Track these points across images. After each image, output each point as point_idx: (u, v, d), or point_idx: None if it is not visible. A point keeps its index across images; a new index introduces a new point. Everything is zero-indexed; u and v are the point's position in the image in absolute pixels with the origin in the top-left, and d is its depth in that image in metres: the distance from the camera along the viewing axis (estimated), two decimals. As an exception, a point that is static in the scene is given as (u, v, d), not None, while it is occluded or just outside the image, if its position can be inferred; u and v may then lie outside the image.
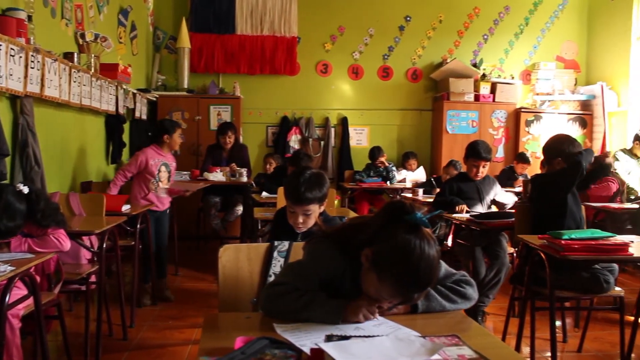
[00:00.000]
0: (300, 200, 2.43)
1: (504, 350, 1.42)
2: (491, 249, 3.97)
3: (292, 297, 1.56)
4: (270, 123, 7.93)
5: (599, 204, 5.35)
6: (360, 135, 8.05)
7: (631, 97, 7.52)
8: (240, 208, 5.98)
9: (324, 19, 7.94)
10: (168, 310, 4.39)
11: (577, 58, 8.49)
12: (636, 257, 2.82)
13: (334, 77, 8.01)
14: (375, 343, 1.31)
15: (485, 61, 8.19)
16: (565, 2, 8.42)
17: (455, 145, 7.60)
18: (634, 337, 3.21)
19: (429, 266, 1.46)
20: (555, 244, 2.75)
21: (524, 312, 3.28)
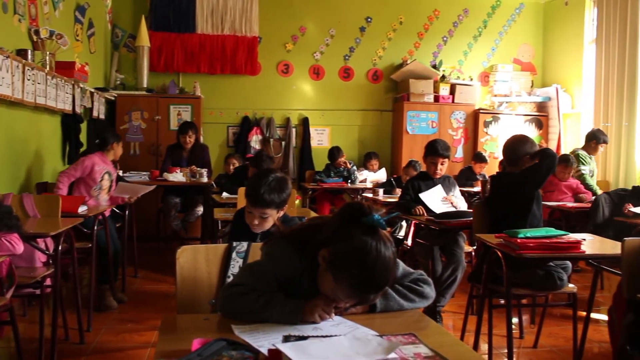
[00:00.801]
0: (257, 202, 2.44)
1: (460, 347, 1.44)
2: (448, 248, 4.02)
3: (250, 297, 1.56)
4: (231, 123, 7.88)
5: (555, 203, 5.48)
6: (322, 136, 8.07)
7: (584, 99, 7.74)
8: (200, 209, 5.93)
9: (285, 19, 7.93)
10: (127, 313, 4.32)
11: (533, 61, 8.69)
12: (588, 254, 2.90)
13: (295, 77, 8.01)
14: (333, 343, 1.31)
15: (444, 63, 8.31)
16: (522, 6, 8.60)
17: (416, 145, 7.69)
18: (585, 332, 3.31)
19: (385, 268, 1.47)
20: (512, 242, 2.81)
21: (481, 310, 3.33)
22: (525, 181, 3.45)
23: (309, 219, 1.77)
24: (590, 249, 2.94)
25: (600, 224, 4.79)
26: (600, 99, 7.19)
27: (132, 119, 7.06)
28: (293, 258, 1.63)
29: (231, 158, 6.85)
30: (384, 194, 5.86)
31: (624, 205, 4.74)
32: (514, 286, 3.09)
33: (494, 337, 3.42)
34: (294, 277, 1.63)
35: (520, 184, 3.46)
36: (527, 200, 3.46)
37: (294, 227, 1.77)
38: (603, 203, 4.84)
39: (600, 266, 3.56)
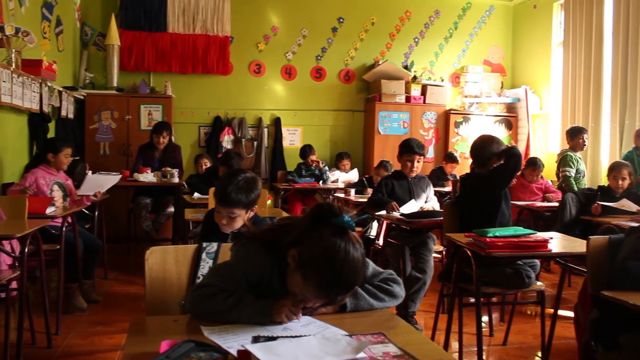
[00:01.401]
0: (224, 202, 2.44)
1: (428, 346, 1.45)
2: (417, 252, 4.02)
3: (219, 298, 1.55)
4: (202, 123, 7.83)
5: (523, 203, 5.57)
6: (294, 136, 8.07)
7: (552, 101, 7.89)
8: (171, 209, 5.88)
9: (257, 19, 7.90)
10: (96, 315, 4.26)
11: (503, 62, 8.82)
12: (555, 253, 2.95)
13: (267, 77, 7.99)
14: (302, 343, 1.32)
15: (416, 64, 8.37)
16: (492, 8, 8.72)
17: (387, 145, 7.74)
18: (553, 329, 3.37)
19: (353, 269, 1.48)
20: (481, 241, 2.84)
21: (452, 309, 3.37)
22: (493, 181, 3.50)
23: (279, 219, 1.77)
24: (557, 248, 2.99)
25: (568, 223, 4.88)
26: (568, 100, 7.33)
27: (102, 118, 6.96)
28: (262, 258, 1.63)
29: (202, 158, 6.80)
30: (356, 194, 5.88)
31: (590, 204, 4.83)
32: (484, 285, 3.13)
33: (464, 335, 3.47)
34: (264, 277, 1.63)
35: (489, 184, 3.51)
36: (496, 199, 3.51)
37: (263, 227, 1.77)
38: (570, 202, 4.93)
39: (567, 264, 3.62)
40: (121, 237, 6.46)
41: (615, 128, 6.58)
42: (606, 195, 4.85)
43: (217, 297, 1.55)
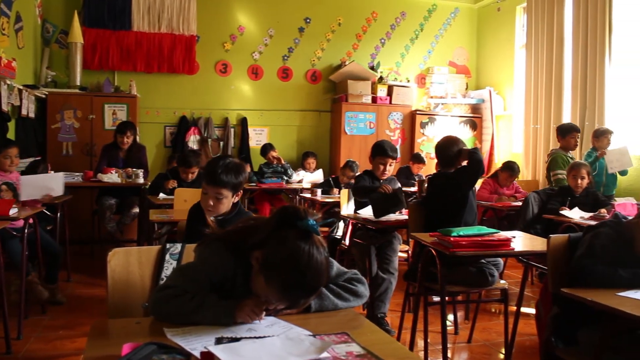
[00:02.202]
0: (214, 181, 2.47)
1: (392, 345, 1.46)
2: (383, 253, 4.03)
3: (182, 300, 1.54)
4: (168, 123, 7.74)
5: (488, 202, 5.65)
6: (260, 136, 8.04)
7: (515, 102, 8.03)
8: (136, 210, 5.80)
9: (224, 18, 7.86)
10: (59, 319, 4.17)
11: (467, 64, 8.94)
12: (517, 251, 3.01)
13: (233, 77, 7.94)
14: (266, 344, 1.32)
15: (382, 64, 8.43)
16: (457, 10, 8.84)
17: (354, 146, 7.78)
18: (516, 326, 3.44)
19: (317, 273, 1.49)
20: (445, 241, 2.88)
21: (417, 308, 3.40)
22: (458, 182, 3.58)
23: (243, 220, 1.77)
24: (519, 246, 3.05)
25: (530, 221, 4.97)
26: (531, 102, 7.47)
27: (65, 117, 6.83)
28: (226, 259, 1.63)
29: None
30: (322, 194, 5.89)
31: (551, 203, 4.93)
32: (448, 283, 3.17)
33: (430, 334, 3.52)
34: (228, 278, 1.63)
35: (455, 184, 3.58)
36: (462, 199, 3.57)
37: (227, 228, 1.77)
38: (532, 202, 5.01)
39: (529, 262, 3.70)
40: (85, 238, 6.35)
41: (575, 129, 6.72)
42: (566, 194, 4.95)
43: (179, 299, 1.54)
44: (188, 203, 3.43)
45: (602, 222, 2.41)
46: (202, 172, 5.27)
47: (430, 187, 3.82)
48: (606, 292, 2.06)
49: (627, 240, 2.30)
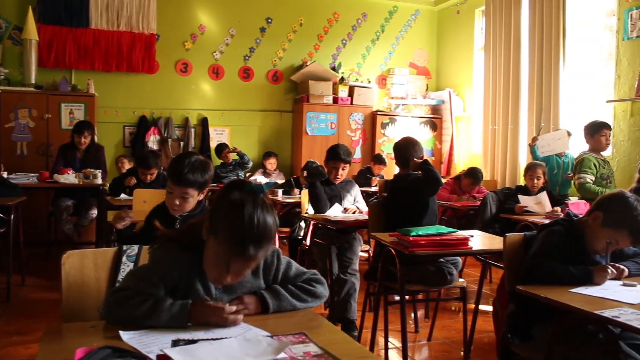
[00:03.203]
0: (180, 181, 2.43)
1: (350, 344, 1.48)
2: (343, 256, 4.00)
3: (135, 303, 1.51)
4: (127, 123, 7.62)
5: (446, 202, 5.72)
6: (221, 136, 7.98)
7: (474, 103, 8.17)
8: (94, 212, 5.70)
9: (184, 17, 7.77)
10: (13, 324, 4.06)
11: (428, 65, 9.05)
12: (475, 250, 3.07)
13: (194, 76, 7.86)
14: (223, 345, 1.31)
15: (343, 65, 8.47)
16: (418, 12, 8.94)
17: (315, 146, 7.80)
18: (474, 323, 3.50)
19: (264, 220, 1.51)
20: (404, 240, 2.91)
21: (378, 307, 3.43)
22: (419, 191, 3.62)
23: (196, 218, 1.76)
24: (477, 245, 3.12)
25: (488, 221, 5.06)
26: (489, 103, 7.61)
27: (19, 116, 6.65)
28: (180, 260, 1.62)
29: (121, 158, 6.63)
30: (283, 194, 5.88)
31: (509, 202, 5.03)
32: (408, 282, 3.21)
33: (391, 332, 3.55)
34: (182, 279, 1.62)
35: (415, 192, 3.63)
36: (423, 204, 3.65)
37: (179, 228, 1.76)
38: (490, 201, 5.10)
39: (487, 261, 3.77)
40: (41, 241, 6.19)
41: (532, 130, 6.88)
42: (523, 194, 5.05)
43: (133, 302, 1.51)
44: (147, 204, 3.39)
45: (555, 221, 2.47)
46: (162, 173, 5.21)
47: (391, 189, 3.86)
48: (559, 289, 2.11)
49: (579, 238, 2.37)
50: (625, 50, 5.90)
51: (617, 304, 1.93)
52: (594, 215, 2.34)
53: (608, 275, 2.20)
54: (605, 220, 2.29)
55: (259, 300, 1.65)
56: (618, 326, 1.84)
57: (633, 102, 5.82)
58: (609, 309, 1.87)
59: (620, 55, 5.96)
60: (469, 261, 5.94)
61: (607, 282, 2.20)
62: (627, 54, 5.88)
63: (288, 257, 1.82)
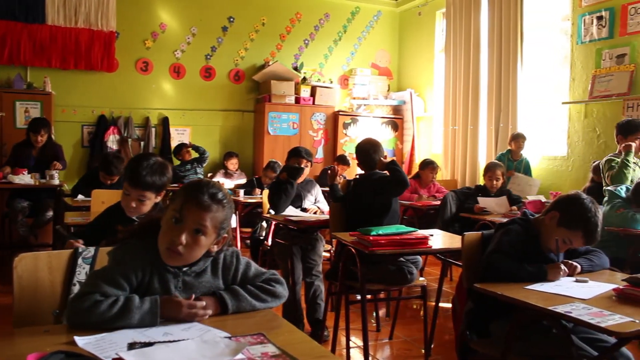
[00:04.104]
0: (137, 184, 2.39)
1: (309, 344, 1.48)
2: (307, 257, 3.99)
3: (103, 306, 1.48)
4: (85, 122, 7.46)
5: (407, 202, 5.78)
6: (182, 136, 7.89)
7: (435, 104, 8.28)
8: (50, 213, 5.56)
9: (145, 14, 7.66)
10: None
11: (389, 66, 9.13)
12: (434, 249, 3.10)
13: (154, 75, 7.76)
14: (180, 347, 1.30)
15: (305, 65, 8.47)
16: (380, 13, 9.00)
17: (277, 146, 7.79)
18: (435, 321, 3.54)
19: (216, 187, 1.63)
20: (364, 240, 2.93)
21: (339, 306, 3.45)
22: (383, 191, 3.68)
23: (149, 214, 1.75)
24: (437, 244, 3.16)
25: (448, 220, 5.13)
26: (449, 104, 7.72)
27: (-29, 115, 6.47)
28: (141, 258, 1.60)
29: None
30: (245, 194, 5.85)
31: (468, 202, 5.11)
32: (369, 282, 3.23)
33: (352, 332, 3.56)
34: (145, 277, 1.60)
35: (379, 192, 3.68)
36: (385, 205, 3.70)
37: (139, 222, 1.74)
38: (450, 201, 5.18)
39: (447, 259, 3.83)
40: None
41: (491, 130, 7.01)
42: (482, 194, 5.14)
43: (101, 306, 1.48)
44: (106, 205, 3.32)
45: (512, 220, 2.52)
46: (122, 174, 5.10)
47: (354, 189, 3.89)
48: (515, 286, 2.16)
49: (534, 236, 2.42)
50: (579, 54, 6.07)
51: (570, 299, 1.99)
52: (550, 214, 2.39)
53: (561, 272, 2.26)
54: (561, 220, 2.34)
55: (217, 301, 1.64)
56: (570, 321, 1.89)
57: (587, 104, 5.99)
58: (562, 304, 1.92)
59: (575, 58, 6.12)
60: (430, 260, 6.01)
61: (561, 278, 2.25)
62: (581, 58, 6.05)
63: (247, 258, 1.81)
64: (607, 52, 5.77)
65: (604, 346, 2.11)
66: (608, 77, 5.72)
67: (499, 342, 2.24)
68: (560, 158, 6.33)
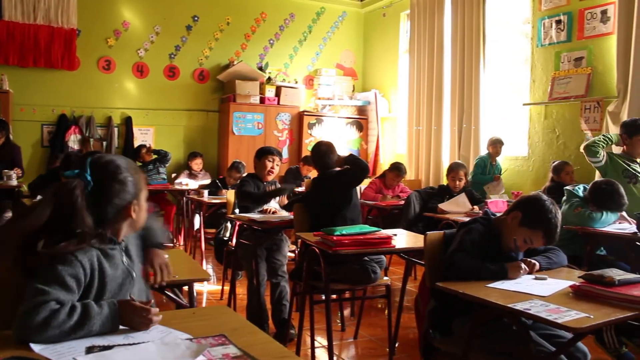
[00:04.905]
0: None
1: (271, 345, 1.48)
2: (272, 258, 3.97)
3: (62, 315, 1.39)
4: (45, 121, 7.30)
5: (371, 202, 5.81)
6: (146, 136, 7.79)
7: (399, 104, 8.34)
8: (9, 215, 5.43)
9: (107, 12, 7.53)
10: None
11: (354, 66, 9.17)
12: (397, 248, 3.13)
13: (117, 74, 7.63)
14: (140, 350, 1.29)
15: (270, 65, 8.45)
16: (345, 14, 9.04)
17: (241, 146, 7.75)
18: (399, 320, 3.56)
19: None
20: (328, 240, 2.94)
21: (303, 306, 3.45)
22: (344, 182, 3.73)
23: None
24: (400, 244, 3.19)
25: (412, 219, 5.17)
26: (414, 104, 7.79)
27: None
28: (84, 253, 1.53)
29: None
30: (209, 195, 5.80)
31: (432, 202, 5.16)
32: (333, 281, 3.24)
33: (318, 331, 3.56)
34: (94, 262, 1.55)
35: (340, 184, 3.72)
36: (346, 197, 3.73)
37: None
38: (414, 201, 5.22)
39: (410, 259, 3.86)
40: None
41: (454, 131, 7.11)
42: (445, 194, 5.21)
43: (59, 314, 1.39)
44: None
45: (474, 219, 2.56)
46: None
47: (314, 188, 3.91)
48: (476, 284, 2.19)
49: (496, 235, 2.46)
50: (539, 56, 6.20)
51: (529, 297, 2.03)
52: (512, 214, 2.43)
53: (521, 271, 2.30)
54: (523, 220, 2.39)
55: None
56: (529, 318, 1.93)
57: (546, 106, 6.13)
58: (522, 302, 1.96)
59: (535, 60, 6.25)
60: (395, 259, 6.06)
61: (521, 276, 2.30)
62: (541, 60, 6.18)
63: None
64: (565, 55, 5.91)
65: (562, 342, 2.16)
66: (567, 80, 5.86)
67: (461, 340, 2.27)
68: (521, 158, 6.46)
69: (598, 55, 5.64)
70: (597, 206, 3.81)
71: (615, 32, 5.38)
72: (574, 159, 5.69)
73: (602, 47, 5.60)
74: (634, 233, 3.57)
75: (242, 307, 4.40)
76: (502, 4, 6.85)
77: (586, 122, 5.61)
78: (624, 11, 5.26)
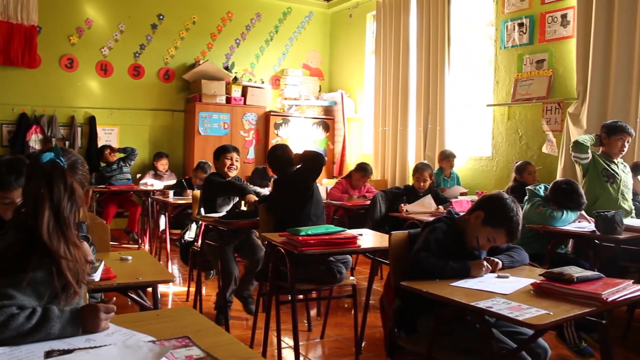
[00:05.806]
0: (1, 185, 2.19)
1: (235, 346, 1.47)
2: (245, 249, 4.10)
3: (20, 319, 1.36)
4: (5, 120, 7.12)
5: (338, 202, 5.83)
6: (110, 136, 7.66)
7: (366, 105, 8.39)
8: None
9: (69, 9, 7.38)
10: None
11: (321, 67, 9.19)
12: (363, 248, 3.15)
13: (80, 73, 7.49)
14: (101, 354, 1.27)
15: (237, 65, 8.41)
16: (311, 14, 9.05)
17: (207, 146, 7.68)
18: (365, 319, 3.58)
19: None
20: (294, 240, 2.94)
21: (269, 307, 3.44)
22: (304, 179, 3.79)
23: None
24: (366, 243, 3.21)
25: (378, 219, 5.20)
26: (380, 105, 7.85)
27: None
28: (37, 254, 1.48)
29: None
30: (175, 195, 5.75)
31: (398, 202, 5.20)
32: (299, 282, 3.25)
33: (284, 332, 3.56)
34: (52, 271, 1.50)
35: (301, 182, 3.77)
36: (307, 193, 3.76)
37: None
38: (380, 201, 5.26)
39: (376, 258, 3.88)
40: None
41: (420, 132, 7.18)
42: (411, 194, 5.26)
43: (18, 318, 1.36)
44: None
45: (438, 218, 2.59)
46: None
47: (275, 190, 3.95)
48: (440, 283, 2.22)
49: (459, 234, 2.50)
50: (503, 58, 6.31)
51: (492, 294, 2.06)
52: (475, 214, 2.47)
53: (484, 269, 2.33)
54: (485, 219, 2.42)
55: None
56: (491, 315, 1.96)
57: (509, 107, 6.23)
58: (484, 300, 1.99)
59: (498, 62, 6.36)
60: (361, 259, 6.08)
61: (484, 274, 2.33)
62: (504, 62, 6.29)
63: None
64: (527, 57, 6.02)
65: (524, 338, 2.20)
66: (529, 81, 5.97)
67: (425, 338, 2.30)
68: (485, 158, 6.55)
69: (559, 58, 5.76)
70: (557, 205, 3.89)
71: (574, 35, 5.51)
72: (536, 159, 5.81)
73: (563, 50, 5.73)
74: (593, 231, 3.66)
75: (208, 308, 4.37)
76: (467, 7, 6.94)
77: (548, 123, 5.73)
78: (583, 15, 5.38)
